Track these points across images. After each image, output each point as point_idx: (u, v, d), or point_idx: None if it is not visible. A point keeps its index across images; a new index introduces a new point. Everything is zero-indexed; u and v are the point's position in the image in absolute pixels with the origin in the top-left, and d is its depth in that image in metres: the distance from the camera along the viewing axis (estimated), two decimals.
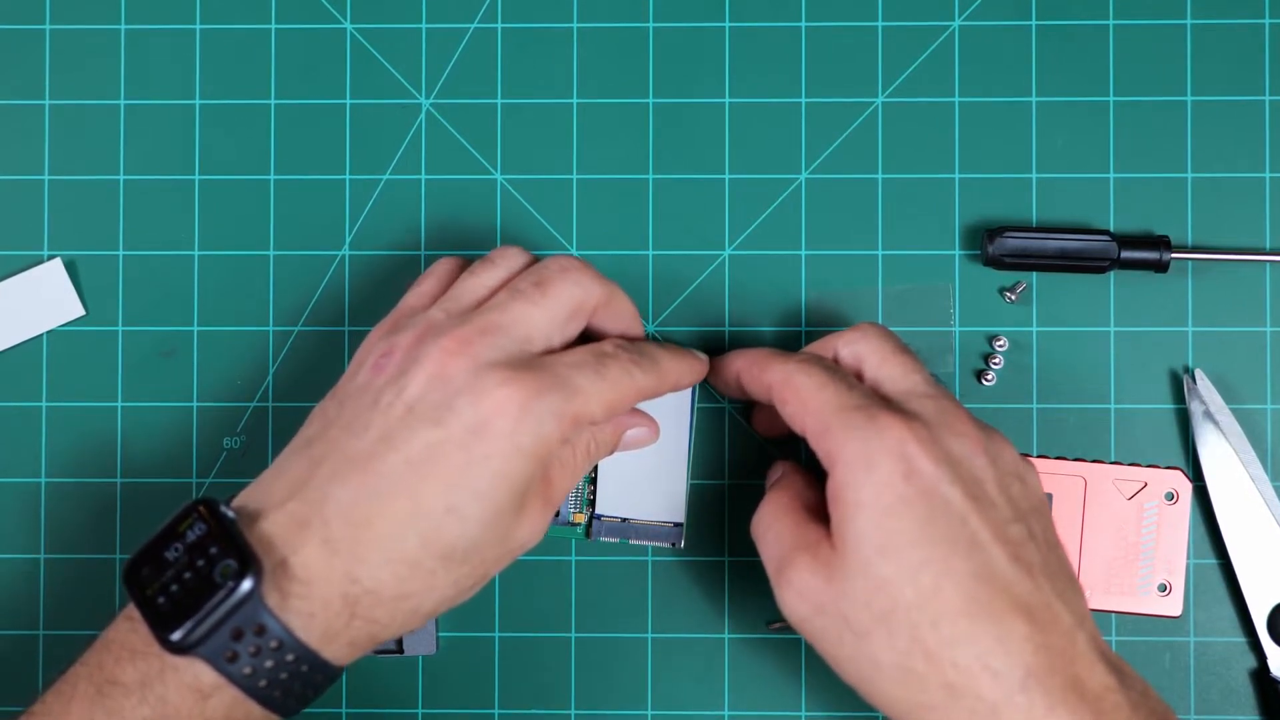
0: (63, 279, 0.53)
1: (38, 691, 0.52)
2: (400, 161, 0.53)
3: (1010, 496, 0.42)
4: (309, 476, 0.41)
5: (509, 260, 0.46)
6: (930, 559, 0.39)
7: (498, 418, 0.40)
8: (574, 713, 0.52)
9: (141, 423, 0.52)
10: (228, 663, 0.38)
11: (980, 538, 0.40)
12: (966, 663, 0.39)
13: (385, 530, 0.40)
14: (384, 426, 0.40)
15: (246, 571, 0.38)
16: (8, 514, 0.52)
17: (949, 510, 0.40)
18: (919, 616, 0.39)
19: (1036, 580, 0.40)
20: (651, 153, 0.53)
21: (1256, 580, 0.50)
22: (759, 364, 0.45)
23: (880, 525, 0.40)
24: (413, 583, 0.40)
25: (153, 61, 0.53)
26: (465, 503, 0.40)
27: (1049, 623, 0.40)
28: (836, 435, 0.41)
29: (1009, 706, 0.38)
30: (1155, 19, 0.53)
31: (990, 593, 0.39)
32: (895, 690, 0.40)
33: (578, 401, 0.42)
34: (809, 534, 0.42)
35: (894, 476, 0.40)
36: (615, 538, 0.51)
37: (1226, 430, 0.51)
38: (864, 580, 0.40)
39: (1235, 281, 0.52)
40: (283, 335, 0.53)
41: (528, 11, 0.53)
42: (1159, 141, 0.53)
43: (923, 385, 0.43)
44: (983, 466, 0.42)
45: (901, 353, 0.45)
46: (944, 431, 0.41)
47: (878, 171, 0.53)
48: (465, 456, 0.40)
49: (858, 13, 0.53)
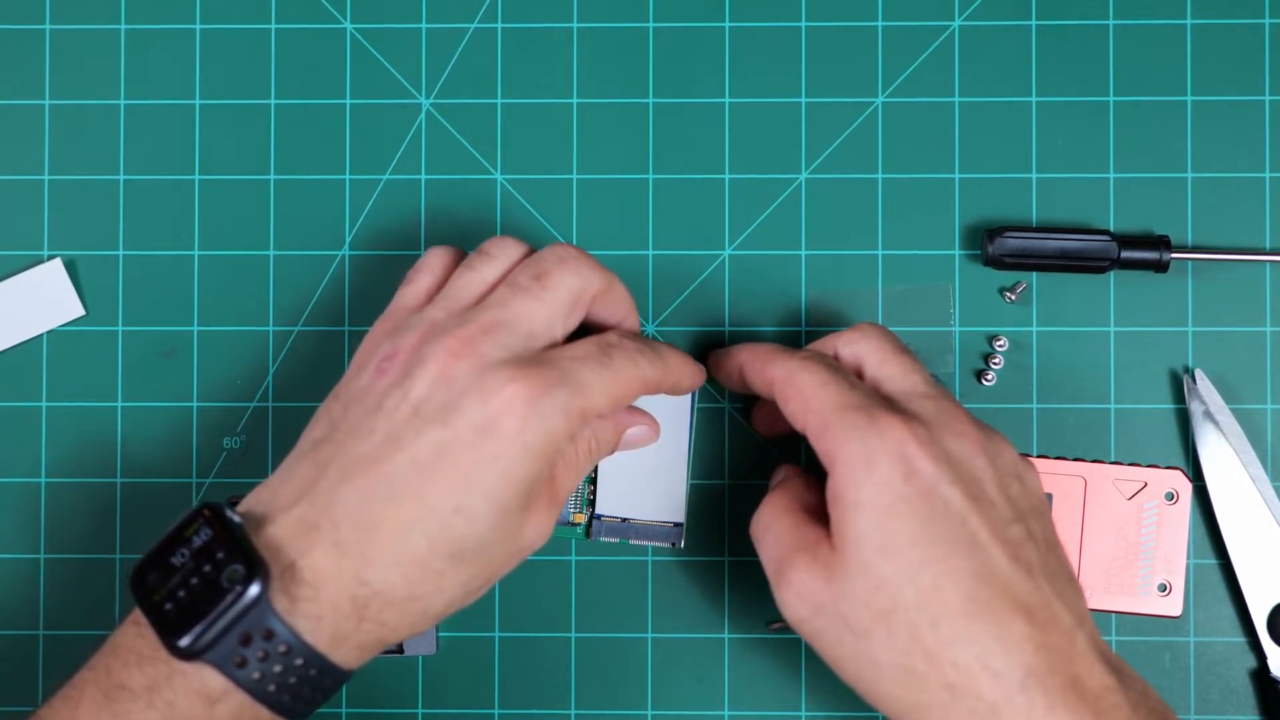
0: (63, 279, 0.53)
1: (38, 691, 0.52)
2: (400, 161, 0.53)
3: (1010, 497, 0.42)
4: (316, 479, 0.41)
5: (506, 252, 0.45)
6: (930, 559, 0.39)
7: (505, 417, 0.40)
8: (574, 713, 0.52)
9: (141, 423, 0.52)
10: (236, 668, 0.38)
11: (980, 537, 0.40)
12: (966, 662, 0.39)
13: (393, 531, 0.40)
14: (390, 428, 0.40)
15: (254, 576, 0.38)
16: (8, 514, 0.52)
17: (949, 510, 0.40)
18: (918, 616, 0.39)
19: (1036, 580, 0.40)
20: (651, 153, 0.53)
21: (1256, 580, 0.50)
22: (762, 359, 0.45)
23: (880, 525, 0.40)
24: (422, 584, 0.40)
25: (153, 61, 0.53)
26: (473, 502, 0.40)
27: (1048, 622, 0.40)
28: (837, 435, 0.41)
29: (1009, 706, 0.38)
30: (1155, 19, 0.53)
31: (990, 592, 0.39)
32: (895, 690, 0.40)
33: (584, 396, 0.42)
34: (808, 534, 0.42)
35: (894, 476, 0.40)
36: (615, 538, 0.51)
37: (1226, 430, 0.51)
38: (863, 580, 0.40)
39: (1235, 281, 0.52)
40: (283, 335, 0.53)
41: (528, 11, 0.53)
42: (1159, 141, 0.53)
43: (922, 385, 0.44)
44: (982, 467, 0.42)
45: (901, 353, 0.45)
46: (943, 432, 0.41)
47: (878, 171, 0.53)
48: (473, 456, 0.40)
49: (858, 13, 0.53)
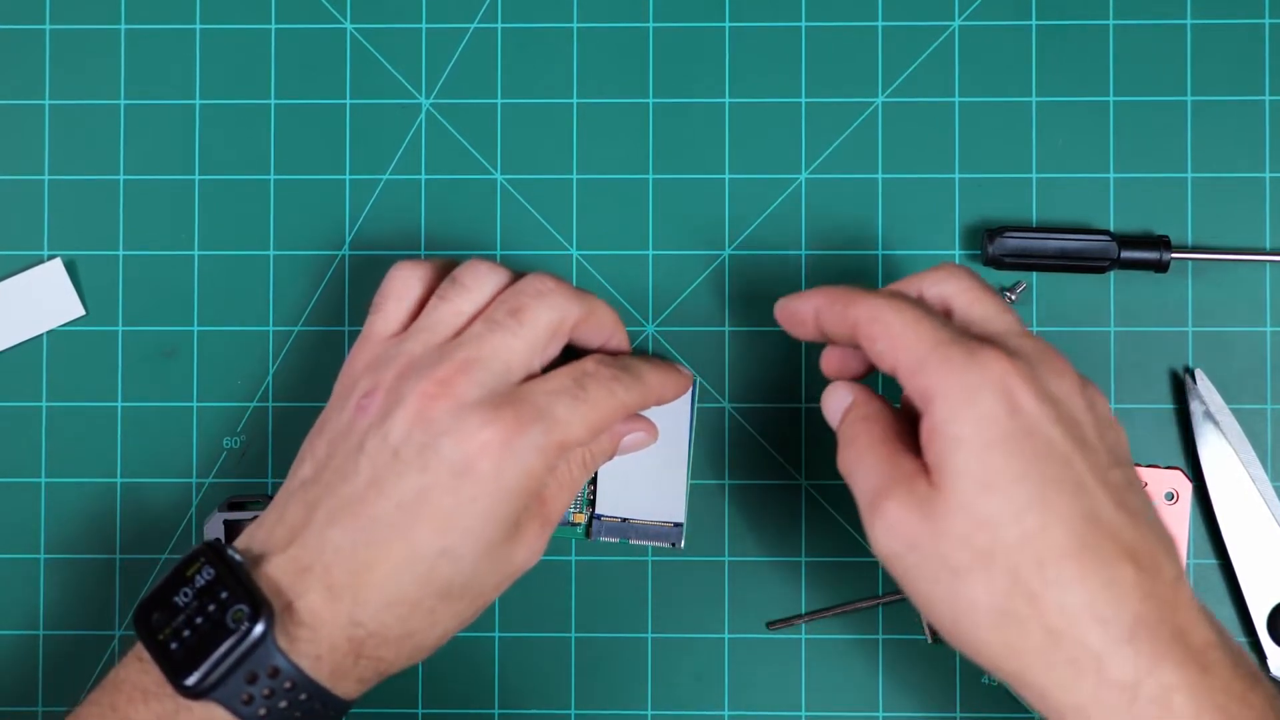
0: (63, 279, 0.52)
1: (38, 691, 0.52)
2: (400, 161, 0.53)
3: (1108, 443, 0.40)
4: (307, 521, 0.41)
5: (480, 283, 0.44)
6: (1036, 498, 0.38)
7: (481, 460, 0.40)
8: (574, 713, 0.52)
9: (141, 423, 0.52)
10: (243, 705, 0.39)
11: (1086, 481, 0.38)
12: (1074, 608, 0.37)
13: (384, 575, 0.40)
14: (373, 471, 0.41)
15: (259, 615, 0.38)
16: (8, 514, 0.52)
17: (1053, 450, 0.38)
18: (1022, 557, 0.37)
19: (1140, 528, 0.39)
20: (651, 153, 0.53)
21: (1256, 580, 0.50)
22: (842, 300, 0.43)
23: (983, 461, 0.38)
24: (414, 621, 0.41)
25: (153, 61, 0.53)
26: (457, 543, 0.40)
27: (1154, 571, 0.38)
28: (933, 370, 0.39)
29: (1115, 657, 0.37)
30: (1155, 19, 0.53)
31: (1099, 537, 0.38)
32: (990, 634, 0.38)
33: (559, 431, 0.42)
34: (905, 466, 0.40)
35: (997, 411, 0.38)
36: (615, 538, 0.51)
37: (1226, 430, 0.51)
38: (964, 517, 0.38)
39: (1235, 281, 0.52)
40: (283, 335, 0.53)
41: (528, 11, 0.53)
42: (1159, 141, 0.53)
43: (1016, 325, 0.42)
44: (1082, 409, 0.40)
45: (991, 293, 0.43)
46: (1044, 369, 0.40)
47: (878, 171, 0.53)
48: (453, 500, 0.40)
49: (858, 13, 0.53)
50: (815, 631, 0.52)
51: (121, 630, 0.52)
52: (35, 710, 0.52)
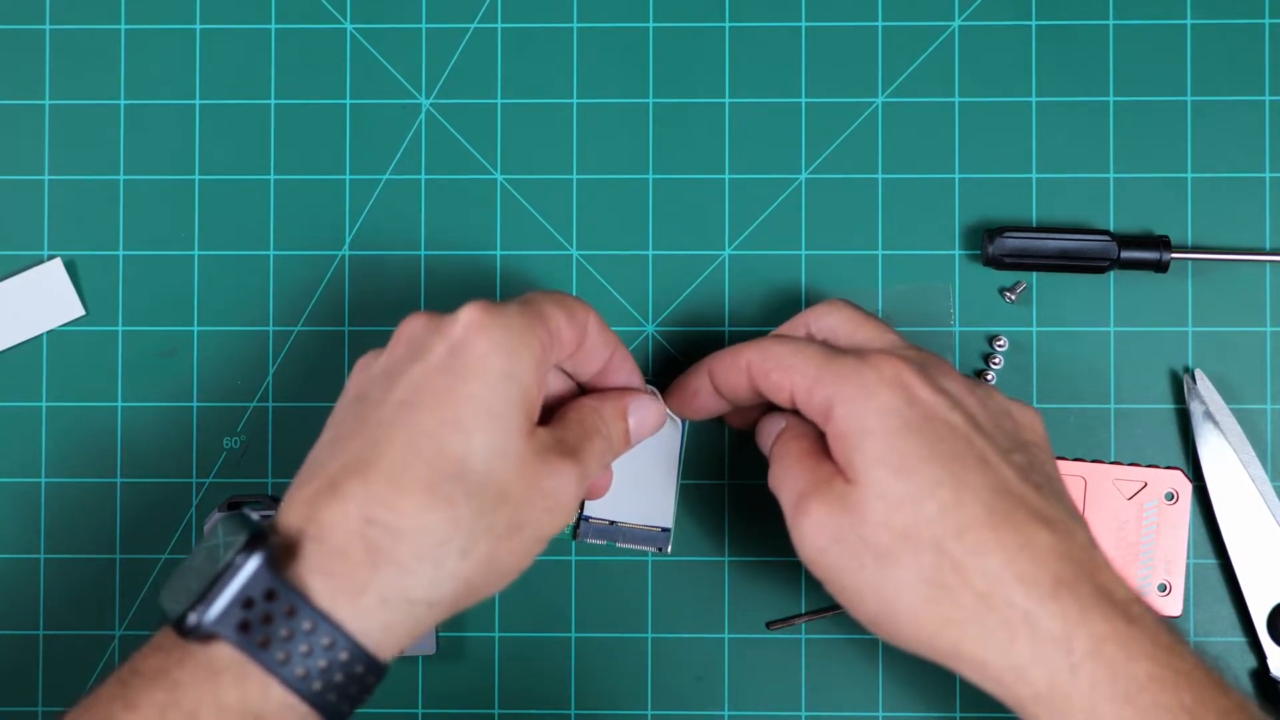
0: (63, 279, 0.53)
1: (38, 691, 0.52)
2: (400, 161, 0.53)
3: (1005, 430, 0.42)
4: (320, 458, 0.41)
5: None
6: (946, 475, 0.40)
7: (474, 334, 0.40)
8: (574, 713, 0.52)
9: (141, 423, 0.52)
10: (280, 665, 0.37)
11: (988, 457, 0.41)
12: (996, 570, 0.39)
13: (392, 463, 0.39)
14: (377, 394, 0.41)
15: (255, 545, 0.37)
16: (8, 514, 0.52)
17: (954, 431, 0.41)
18: (942, 529, 0.39)
19: (1048, 498, 0.41)
20: (651, 153, 0.53)
21: (1256, 580, 0.50)
22: (730, 352, 0.45)
23: (891, 447, 0.40)
24: (432, 512, 0.39)
25: (153, 61, 0.53)
26: (461, 414, 0.40)
27: (1068, 535, 0.40)
28: (829, 381, 0.42)
29: (1042, 612, 0.38)
30: (1155, 19, 0.53)
31: (1009, 504, 0.40)
32: (923, 609, 0.40)
33: (546, 317, 0.42)
34: (823, 471, 0.42)
35: (896, 402, 0.41)
36: (602, 540, 0.51)
37: (1226, 430, 0.51)
38: (882, 503, 0.40)
39: (1235, 281, 0.52)
40: (283, 335, 0.53)
41: (528, 11, 0.53)
42: (1159, 141, 0.53)
43: (900, 341, 0.44)
44: (974, 404, 0.42)
45: (874, 319, 0.46)
46: (934, 370, 0.42)
47: (878, 171, 0.53)
48: (449, 377, 0.40)
49: (858, 13, 0.53)
50: (815, 631, 0.52)
51: (122, 630, 0.52)
52: (35, 710, 0.52)
